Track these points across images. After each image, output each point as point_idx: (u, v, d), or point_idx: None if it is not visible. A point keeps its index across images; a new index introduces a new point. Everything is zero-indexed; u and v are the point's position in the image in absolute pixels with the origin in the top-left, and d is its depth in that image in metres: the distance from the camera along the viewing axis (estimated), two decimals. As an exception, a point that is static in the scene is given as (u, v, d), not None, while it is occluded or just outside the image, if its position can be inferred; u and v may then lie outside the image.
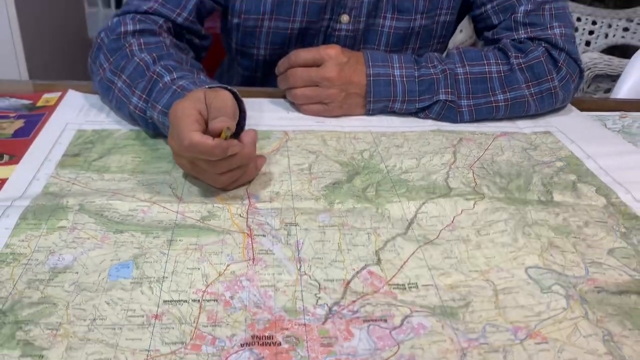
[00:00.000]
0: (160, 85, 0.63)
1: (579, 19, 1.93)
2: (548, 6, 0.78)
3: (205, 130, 0.53)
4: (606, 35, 1.93)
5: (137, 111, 0.65)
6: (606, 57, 1.37)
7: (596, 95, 1.39)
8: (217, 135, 0.51)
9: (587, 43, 1.95)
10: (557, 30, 0.77)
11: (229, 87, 0.60)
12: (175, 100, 0.57)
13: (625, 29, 1.92)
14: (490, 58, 0.75)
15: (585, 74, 1.37)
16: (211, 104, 0.55)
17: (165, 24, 0.75)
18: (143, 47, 0.69)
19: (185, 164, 0.56)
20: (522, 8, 0.78)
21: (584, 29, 1.93)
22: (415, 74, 0.74)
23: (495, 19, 0.80)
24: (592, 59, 1.35)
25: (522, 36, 0.78)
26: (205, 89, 0.57)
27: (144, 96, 0.65)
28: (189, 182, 0.59)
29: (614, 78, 1.30)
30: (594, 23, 1.92)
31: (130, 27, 0.71)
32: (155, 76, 0.64)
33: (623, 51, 2.00)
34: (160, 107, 0.62)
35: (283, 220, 0.54)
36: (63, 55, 1.83)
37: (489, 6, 0.80)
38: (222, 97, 0.56)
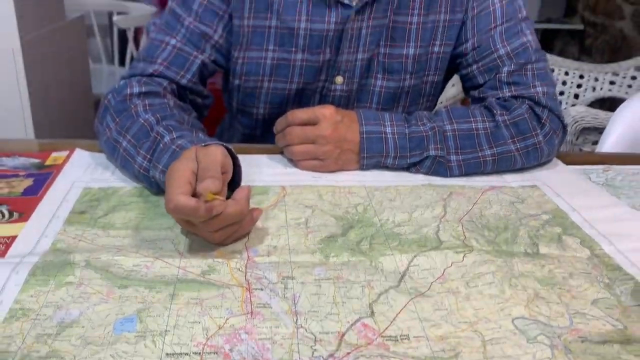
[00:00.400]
0: (161, 145, 0.67)
1: (566, 73, 2.01)
2: (530, 66, 0.83)
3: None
4: (594, 89, 2.00)
5: (141, 170, 0.68)
6: (592, 110, 1.42)
7: (584, 147, 1.44)
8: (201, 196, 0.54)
9: (576, 96, 2.01)
10: (539, 89, 0.82)
11: (223, 143, 0.63)
12: (173, 160, 0.60)
13: (612, 82, 1.99)
14: (476, 115, 0.79)
15: (573, 127, 1.42)
16: (200, 162, 0.58)
17: (169, 85, 0.80)
18: (148, 108, 0.73)
19: (182, 221, 0.59)
20: (505, 69, 0.83)
21: (572, 82, 2.01)
22: (405, 131, 0.78)
23: (481, 79, 0.85)
24: (579, 112, 1.40)
25: (507, 95, 0.82)
26: (197, 147, 0.61)
27: (148, 156, 0.68)
28: (189, 237, 0.62)
29: (600, 130, 1.35)
30: (581, 77, 2.00)
31: (136, 90, 0.76)
32: (158, 136, 0.68)
33: (612, 103, 2.06)
34: (160, 167, 0.65)
35: (280, 274, 0.56)
36: (67, 109, 1.88)
37: (474, 67, 0.85)
38: (211, 154, 0.59)
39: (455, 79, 1.01)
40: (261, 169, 0.79)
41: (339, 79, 0.86)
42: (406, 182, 0.77)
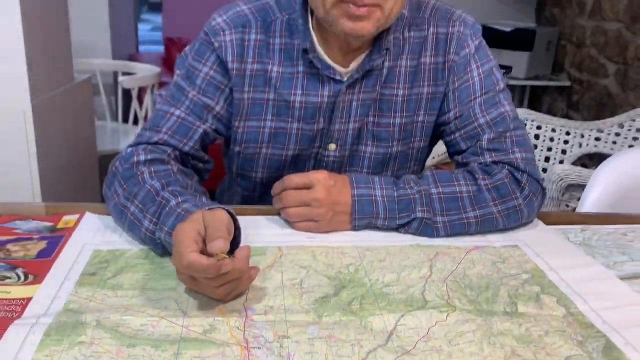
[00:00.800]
0: (167, 209, 0.73)
1: (553, 130, 2.09)
2: (509, 134, 0.89)
3: (203, 249, 0.62)
4: (580, 145, 2.08)
5: (148, 233, 0.74)
6: (577, 168, 1.49)
7: (571, 203, 1.50)
8: (212, 255, 0.60)
9: (563, 151, 2.09)
10: (518, 155, 0.88)
11: (225, 207, 0.69)
12: (178, 222, 0.66)
13: (597, 139, 2.07)
14: (460, 179, 0.85)
15: (559, 184, 1.48)
16: (208, 224, 0.64)
17: (173, 152, 0.86)
18: (153, 174, 0.79)
19: (186, 279, 0.64)
20: (485, 136, 0.89)
21: (559, 139, 2.09)
22: (394, 194, 0.83)
23: (463, 145, 0.92)
24: (563, 170, 1.47)
25: (488, 160, 0.89)
26: (204, 211, 0.66)
27: (154, 219, 0.74)
28: (192, 297, 0.66)
29: (585, 187, 1.41)
30: (567, 133, 2.08)
31: (142, 157, 0.82)
32: (163, 201, 0.74)
33: (599, 158, 2.14)
34: (166, 229, 0.70)
35: (276, 333, 0.60)
36: (73, 166, 1.95)
37: (457, 134, 0.92)
38: (218, 218, 0.65)
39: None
40: (259, 230, 0.84)
41: (332, 146, 0.93)
42: (395, 243, 0.82)
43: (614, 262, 0.80)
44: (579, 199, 1.58)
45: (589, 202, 1.09)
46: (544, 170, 2.05)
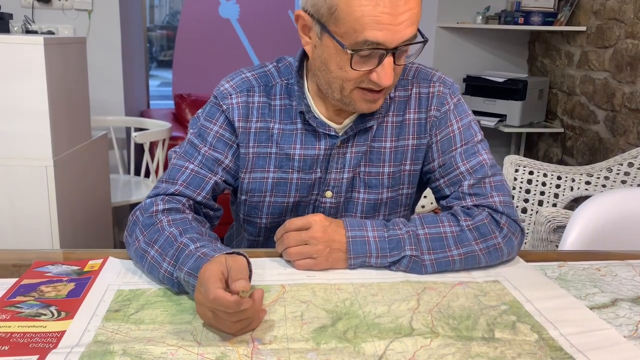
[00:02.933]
0: (186, 252, 0.82)
1: (545, 175, 2.19)
2: (487, 180, 0.99)
3: (226, 287, 0.71)
4: (572, 188, 2.17)
5: (166, 274, 0.83)
6: (563, 211, 1.58)
7: (560, 244, 1.58)
8: (235, 293, 0.69)
9: (556, 195, 2.18)
10: (496, 199, 0.98)
11: (242, 252, 0.79)
12: (199, 264, 0.76)
13: (587, 182, 2.16)
14: (444, 221, 0.95)
15: (547, 225, 1.57)
16: (231, 267, 0.74)
17: (187, 202, 0.97)
18: (171, 222, 0.89)
19: (206, 312, 0.73)
20: (466, 182, 0.99)
21: (551, 183, 2.18)
22: (385, 235, 0.93)
23: (447, 191, 1.02)
24: (550, 213, 1.56)
25: (469, 204, 0.98)
26: (226, 255, 0.76)
27: (172, 262, 0.83)
28: (206, 329, 0.75)
29: (571, 228, 1.50)
30: (559, 178, 2.18)
31: (160, 207, 0.92)
32: (182, 246, 0.84)
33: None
34: (186, 269, 0.80)
35: (279, 358, 0.69)
36: (89, 216, 2.05)
37: (441, 181, 1.02)
38: (239, 262, 0.75)
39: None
40: (264, 270, 0.94)
41: (329, 194, 1.03)
42: (387, 280, 0.91)
43: (586, 294, 0.88)
44: (568, 240, 1.66)
45: (569, 241, 1.18)
46: (537, 213, 2.14)
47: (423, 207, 1.76)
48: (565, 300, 0.86)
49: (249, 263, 0.79)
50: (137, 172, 2.86)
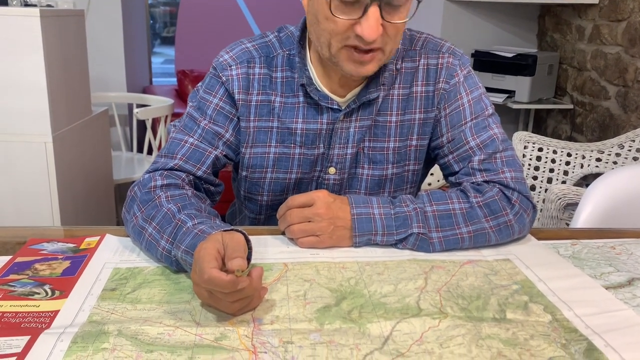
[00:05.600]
0: (184, 229, 0.79)
1: (555, 152, 2.14)
2: (498, 155, 0.95)
3: (222, 266, 0.68)
4: (582, 166, 2.12)
5: (164, 252, 0.80)
6: (574, 188, 1.53)
7: (570, 221, 1.54)
8: (231, 272, 0.66)
9: (565, 172, 2.14)
10: (508, 174, 0.94)
11: (241, 230, 0.75)
12: (196, 242, 0.72)
13: (598, 159, 2.12)
14: (453, 198, 0.91)
15: (557, 203, 1.53)
16: (227, 245, 0.70)
17: (187, 177, 0.93)
18: (170, 198, 0.86)
19: (203, 292, 0.70)
20: (476, 157, 0.95)
21: (560, 160, 2.14)
22: (391, 212, 0.89)
23: (456, 167, 0.98)
24: (561, 190, 1.51)
25: (479, 180, 0.94)
26: (222, 232, 0.73)
27: (170, 239, 0.80)
28: (205, 309, 0.72)
29: (582, 206, 1.46)
30: (569, 155, 2.13)
31: (158, 182, 0.89)
32: (180, 223, 0.80)
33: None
34: (183, 247, 0.77)
35: (281, 339, 0.66)
36: (90, 194, 2.03)
37: (450, 157, 0.98)
38: (236, 239, 0.72)
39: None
40: (266, 248, 0.90)
41: (332, 170, 0.99)
42: (394, 258, 0.88)
43: (601, 273, 0.85)
44: (578, 218, 1.62)
45: (582, 219, 1.14)
46: (547, 191, 2.10)
47: (430, 184, 1.72)
48: (579, 279, 0.82)
49: (248, 241, 0.75)
50: (140, 149, 2.83)
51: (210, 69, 0.99)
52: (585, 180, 2.29)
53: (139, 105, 2.72)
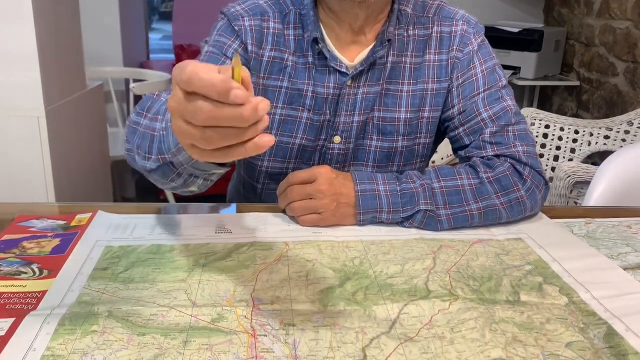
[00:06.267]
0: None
1: (562, 129, 2.09)
2: (511, 128, 0.91)
3: None
4: (589, 143, 2.07)
5: (161, 132, 0.72)
6: (583, 165, 1.49)
7: (579, 200, 1.50)
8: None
9: (572, 150, 2.09)
10: (520, 148, 0.89)
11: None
12: None
13: (606, 137, 2.07)
14: (462, 173, 0.87)
15: (566, 180, 1.48)
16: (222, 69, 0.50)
17: None
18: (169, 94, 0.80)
19: (176, 121, 0.51)
20: (487, 130, 0.90)
21: (567, 137, 2.09)
22: (397, 188, 0.85)
23: (467, 140, 0.93)
24: (570, 167, 1.47)
25: (490, 154, 0.90)
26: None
27: (165, 119, 0.73)
28: (201, 287, 0.68)
29: (592, 183, 1.41)
30: (576, 132, 2.08)
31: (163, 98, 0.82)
32: None
33: (609, 155, 2.13)
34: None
35: (282, 321, 0.62)
36: (86, 171, 1.98)
37: (460, 129, 0.93)
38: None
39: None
40: (266, 226, 0.86)
41: (337, 139, 0.94)
42: (400, 237, 0.84)
43: (618, 254, 0.81)
44: (587, 196, 1.58)
45: (594, 197, 1.10)
46: (553, 169, 2.05)
47: (433, 162, 1.68)
48: (595, 260, 0.78)
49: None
50: (137, 126, 2.77)
51: (219, 18, 0.93)
52: (591, 159, 2.25)
53: (136, 80, 2.66)
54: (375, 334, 0.60)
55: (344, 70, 0.90)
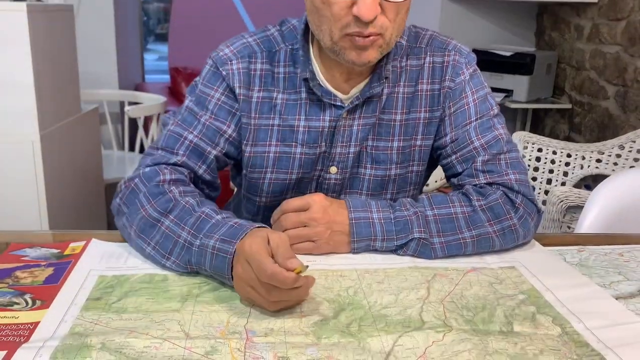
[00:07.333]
0: (213, 221, 0.77)
1: (554, 152, 2.11)
2: (503, 156, 0.92)
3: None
4: (581, 167, 2.09)
5: (186, 244, 0.77)
6: (575, 190, 1.50)
7: (572, 224, 1.51)
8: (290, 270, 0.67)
9: (565, 173, 2.11)
10: (512, 176, 0.90)
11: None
12: (236, 232, 0.73)
13: (598, 160, 2.08)
14: (454, 201, 0.87)
15: (559, 205, 1.49)
16: (277, 243, 0.70)
17: (189, 175, 0.89)
18: (183, 193, 0.83)
19: (245, 287, 0.70)
20: (480, 158, 0.91)
21: (560, 161, 2.10)
22: (391, 216, 0.85)
23: (459, 168, 0.94)
24: (563, 192, 1.48)
25: (482, 182, 0.91)
26: (264, 229, 0.73)
27: (192, 231, 0.77)
28: (194, 319, 0.68)
29: (584, 208, 1.42)
30: (568, 156, 2.10)
31: (167, 177, 0.85)
32: (204, 215, 0.78)
33: (602, 179, 2.14)
34: (218, 237, 0.74)
35: (276, 354, 0.62)
36: (80, 194, 1.98)
37: (453, 157, 0.94)
38: (283, 238, 0.71)
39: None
40: (261, 255, 0.86)
41: (333, 169, 0.95)
42: (394, 265, 0.84)
43: (610, 282, 0.81)
44: (580, 220, 1.59)
45: (587, 223, 1.10)
46: (546, 192, 2.06)
47: (427, 185, 1.69)
48: (588, 289, 0.79)
49: None
50: (132, 148, 2.78)
51: (207, 62, 0.94)
52: (585, 181, 2.26)
53: (131, 103, 2.67)
54: (370, 367, 0.60)
55: (339, 104, 0.91)
